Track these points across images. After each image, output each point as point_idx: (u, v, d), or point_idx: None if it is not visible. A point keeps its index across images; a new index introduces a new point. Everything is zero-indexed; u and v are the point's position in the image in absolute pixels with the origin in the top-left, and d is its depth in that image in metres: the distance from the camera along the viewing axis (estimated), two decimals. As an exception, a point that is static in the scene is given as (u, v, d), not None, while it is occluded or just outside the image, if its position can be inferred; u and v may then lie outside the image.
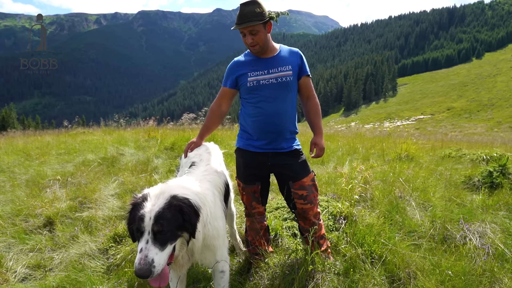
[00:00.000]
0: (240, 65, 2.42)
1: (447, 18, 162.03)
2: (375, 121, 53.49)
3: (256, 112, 2.36)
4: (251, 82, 2.35)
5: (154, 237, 1.52)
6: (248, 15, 2.22)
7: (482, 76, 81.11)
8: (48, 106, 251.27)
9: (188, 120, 9.45)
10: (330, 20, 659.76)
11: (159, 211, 1.56)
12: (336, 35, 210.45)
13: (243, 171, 2.51)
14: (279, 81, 2.33)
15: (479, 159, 5.76)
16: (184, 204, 1.64)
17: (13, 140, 9.10)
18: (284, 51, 2.43)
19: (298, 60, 2.42)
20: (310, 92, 2.51)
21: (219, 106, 2.53)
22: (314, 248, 2.44)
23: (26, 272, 2.65)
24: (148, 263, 1.46)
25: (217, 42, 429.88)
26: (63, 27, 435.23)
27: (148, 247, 1.50)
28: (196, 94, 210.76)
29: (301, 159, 2.46)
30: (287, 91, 2.37)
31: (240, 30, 2.29)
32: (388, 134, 10.18)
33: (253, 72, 2.35)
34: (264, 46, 2.32)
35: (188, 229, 1.65)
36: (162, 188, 1.70)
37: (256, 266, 2.50)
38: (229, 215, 2.64)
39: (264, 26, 2.27)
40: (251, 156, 2.44)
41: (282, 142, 2.40)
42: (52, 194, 4.02)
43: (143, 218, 1.54)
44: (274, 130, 2.36)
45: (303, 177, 2.41)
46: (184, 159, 2.55)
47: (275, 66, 2.35)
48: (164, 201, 1.60)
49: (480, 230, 2.99)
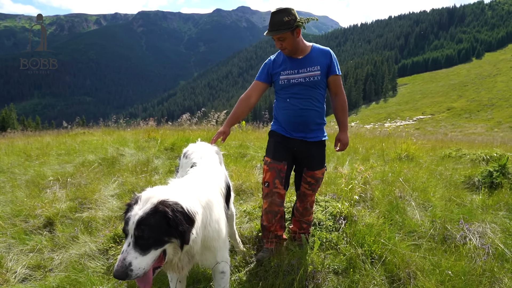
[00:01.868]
0: (275, 64, 2.67)
1: (447, 18, 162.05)
2: (375, 121, 53.47)
3: (286, 106, 2.64)
4: (283, 81, 2.61)
5: (135, 241, 1.51)
6: (277, 24, 2.42)
7: (482, 76, 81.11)
8: (48, 106, 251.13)
9: (188, 121, 9.47)
10: (330, 20, 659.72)
11: (142, 216, 1.53)
12: (336, 35, 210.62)
13: (273, 148, 2.70)
14: (307, 80, 2.57)
15: (479, 159, 5.76)
16: (172, 210, 1.58)
17: (13, 141, 9.10)
18: (315, 51, 2.64)
19: (328, 60, 2.62)
20: (338, 89, 2.72)
21: (249, 97, 2.73)
22: (298, 227, 2.89)
23: (26, 272, 2.64)
24: (124, 266, 1.46)
25: (217, 42, 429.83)
26: (63, 27, 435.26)
27: (128, 250, 1.50)
28: (196, 94, 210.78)
29: (322, 152, 2.75)
30: (314, 89, 2.61)
31: (271, 36, 2.51)
32: (388, 134, 10.18)
33: (285, 71, 2.60)
34: (293, 49, 2.55)
35: (175, 236, 1.59)
36: (154, 191, 1.67)
37: (267, 247, 2.70)
38: (229, 215, 2.64)
39: (292, 32, 2.47)
40: (282, 138, 2.69)
41: (308, 132, 2.66)
42: (52, 194, 4.02)
43: (128, 221, 1.54)
44: (300, 122, 2.62)
45: (317, 169, 2.71)
46: (184, 160, 2.54)
47: (304, 66, 2.58)
48: (150, 206, 1.57)
49: (480, 230, 3.00)
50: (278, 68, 2.63)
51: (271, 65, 2.68)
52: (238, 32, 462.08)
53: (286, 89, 2.62)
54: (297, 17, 2.47)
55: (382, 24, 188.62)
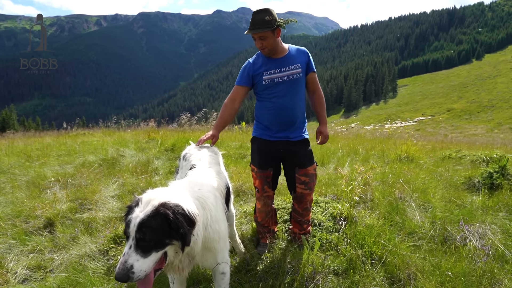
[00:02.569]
0: (255, 65, 2.69)
1: (447, 19, 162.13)
2: (375, 122, 53.54)
3: (270, 106, 2.67)
4: (266, 81, 2.64)
5: (136, 244, 1.52)
6: (258, 23, 2.47)
7: (482, 77, 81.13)
8: (48, 107, 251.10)
9: (187, 121, 9.47)
10: (330, 21, 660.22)
11: (144, 219, 1.54)
12: (336, 36, 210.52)
13: (258, 157, 2.78)
14: (290, 78, 2.62)
15: (479, 160, 5.76)
16: (173, 212, 1.59)
17: (14, 142, 9.10)
18: (293, 50, 2.71)
19: (306, 58, 2.70)
20: (315, 86, 2.81)
21: (233, 101, 2.74)
22: (298, 228, 2.90)
23: (27, 273, 2.65)
24: (126, 268, 1.46)
25: (217, 43, 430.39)
26: (63, 28, 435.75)
27: (129, 253, 1.51)
28: (196, 95, 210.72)
29: (308, 149, 2.78)
30: (297, 87, 2.66)
31: (252, 35, 2.55)
32: (389, 135, 10.19)
33: (267, 72, 2.63)
34: (272, 49, 2.58)
35: (176, 238, 1.60)
36: (155, 193, 1.67)
37: (264, 242, 2.90)
38: (229, 216, 2.64)
39: (273, 32, 2.52)
40: (265, 144, 2.74)
41: (293, 131, 2.70)
42: (52, 195, 4.02)
43: (129, 223, 1.55)
44: (286, 121, 2.66)
45: (308, 166, 2.73)
46: (184, 162, 2.55)
47: (287, 65, 2.63)
48: (152, 209, 1.57)
49: (480, 231, 3.00)
50: (259, 69, 2.65)
51: (252, 67, 2.69)
52: (239, 33, 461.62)
53: (270, 89, 2.64)
54: (277, 18, 2.55)
55: (382, 25, 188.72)
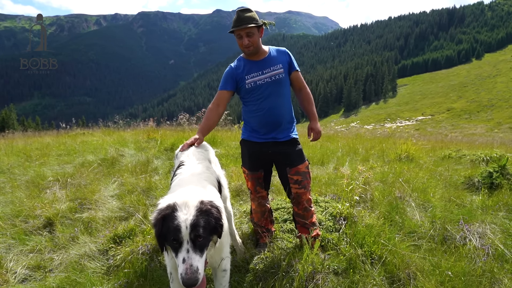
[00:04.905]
0: (237, 70, 2.69)
1: (447, 19, 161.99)
2: (375, 122, 53.56)
3: (256, 108, 2.66)
4: (249, 84, 2.64)
5: (193, 245, 1.57)
6: (245, 19, 2.51)
7: (482, 76, 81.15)
8: (48, 107, 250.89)
9: (186, 121, 9.46)
10: (330, 21, 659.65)
11: (194, 219, 1.60)
12: (335, 36, 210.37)
13: (248, 159, 2.80)
14: (273, 79, 2.63)
15: (479, 160, 5.76)
16: (212, 207, 1.69)
17: (13, 141, 9.10)
18: (273, 51, 2.73)
19: (287, 58, 2.72)
20: (301, 84, 2.82)
21: (217, 106, 2.72)
22: (307, 232, 2.70)
23: (26, 273, 2.65)
24: (194, 271, 1.52)
25: (217, 43, 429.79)
26: (63, 28, 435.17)
27: (190, 256, 1.55)
28: (196, 95, 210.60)
29: (298, 148, 2.76)
30: (281, 87, 2.67)
31: (238, 32, 2.55)
32: (388, 135, 10.18)
33: (249, 75, 2.64)
34: (257, 47, 2.60)
35: (218, 231, 1.71)
36: (185, 195, 1.73)
37: (263, 241, 2.88)
38: (227, 215, 2.64)
39: (258, 30, 2.58)
40: (254, 145, 2.74)
41: (281, 132, 2.70)
42: (52, 195, 4.02)
43: (180, 228, 1.58)
44: (272, 122, 2.66)
45: (299, 164, 2.71)
46: (176, 160, 2.60)
47: (268, 66, 2.64)
48: (195, 209, 1.64)
49: (480, 230, 3.00)
50: (242, 73, 2.66)
51: (235, 71, 2.69)
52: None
53: (253, 92, 2.64)
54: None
55: (382, 24, 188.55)
